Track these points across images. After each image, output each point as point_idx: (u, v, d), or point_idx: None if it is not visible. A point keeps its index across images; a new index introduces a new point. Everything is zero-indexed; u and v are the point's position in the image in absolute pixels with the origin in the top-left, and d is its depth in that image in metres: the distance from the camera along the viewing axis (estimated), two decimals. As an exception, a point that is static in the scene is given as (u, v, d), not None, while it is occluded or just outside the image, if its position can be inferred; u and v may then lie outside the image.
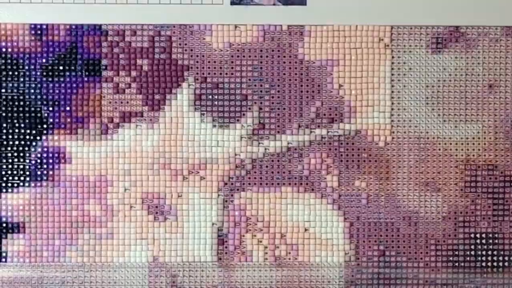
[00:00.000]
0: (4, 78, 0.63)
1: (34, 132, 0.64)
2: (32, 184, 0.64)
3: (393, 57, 0.65)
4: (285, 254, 0.65)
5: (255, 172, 0.65)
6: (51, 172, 0.64)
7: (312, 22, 0.64)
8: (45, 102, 0.64)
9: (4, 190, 0.64)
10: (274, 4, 0.64)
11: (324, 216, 0.65)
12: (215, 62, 0.64)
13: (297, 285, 0.65)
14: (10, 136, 0.63)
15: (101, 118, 0.64)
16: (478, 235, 0.65)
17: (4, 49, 0.63)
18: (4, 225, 0.64)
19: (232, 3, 0.64)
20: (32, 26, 0.63)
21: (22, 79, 0.63)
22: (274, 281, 0.65)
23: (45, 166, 0.64)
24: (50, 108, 0.64)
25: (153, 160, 0.64)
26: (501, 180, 0.65)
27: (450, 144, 0.65)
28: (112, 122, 0.64)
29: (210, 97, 0.64)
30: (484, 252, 0.65)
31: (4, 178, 0.64)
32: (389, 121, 0.65)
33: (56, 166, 0.64)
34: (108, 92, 0.64)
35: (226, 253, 0.65)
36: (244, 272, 0.65)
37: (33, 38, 0.63)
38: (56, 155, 0.64)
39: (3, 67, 0.63)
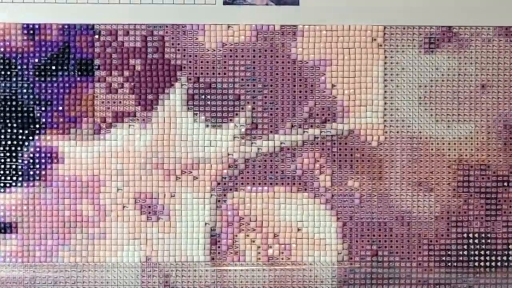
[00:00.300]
0: (-4, 78, 0.63)
1: (26, 132, 0.63)
2: (25, 184, 0.64)
3: (386, 57, 0.65)
4: (278, 254, 0.65)
5: (248, 172, 0.65)
6: (43, 172, 0.64)
7: (305, 22, 0.64)
8: (37, 102, 0.63)
9: (-4, 190, 0.64)
10: (267, 4, 0.64)
11: (317, 216, 0.65)
12: (208, 62, 0.64)
13: (290, 285, 0.65)
14: (2, 136, 0.63)
15: (93, 118, 0.64)
16: (470, 235, 0.65)
17: (-4, 49, 0.63)
18: (-3, 225, 0.64)
19: (225, 3, 0.63)
20: (25, 25, 0.63)
21: (14, 79, 0.63)
22: (267, 281, 0.65)
23: (37, 166, 0.63)
24: (43, 108, 0.64)
25: (146, 160, 0.64)
26: (494, 180, 0.65)
27: (443, 144, 0.65)
28: (105, 122, 0.64)
29: (203, 97, 0.64)
30: (476, 252, 0.65)
31: (-3, 178, 0.64)
32: (382, 121, 0.65)
33: (49, 166, 0.64)
34: (101, 92, 0.64)
35: (219, 253, 0.65)
36: (237, 272, 0.65)
37: (25, 37, 0.63)
38: (49, 155, 0.64)
39: (-5, 66, 0.63)
